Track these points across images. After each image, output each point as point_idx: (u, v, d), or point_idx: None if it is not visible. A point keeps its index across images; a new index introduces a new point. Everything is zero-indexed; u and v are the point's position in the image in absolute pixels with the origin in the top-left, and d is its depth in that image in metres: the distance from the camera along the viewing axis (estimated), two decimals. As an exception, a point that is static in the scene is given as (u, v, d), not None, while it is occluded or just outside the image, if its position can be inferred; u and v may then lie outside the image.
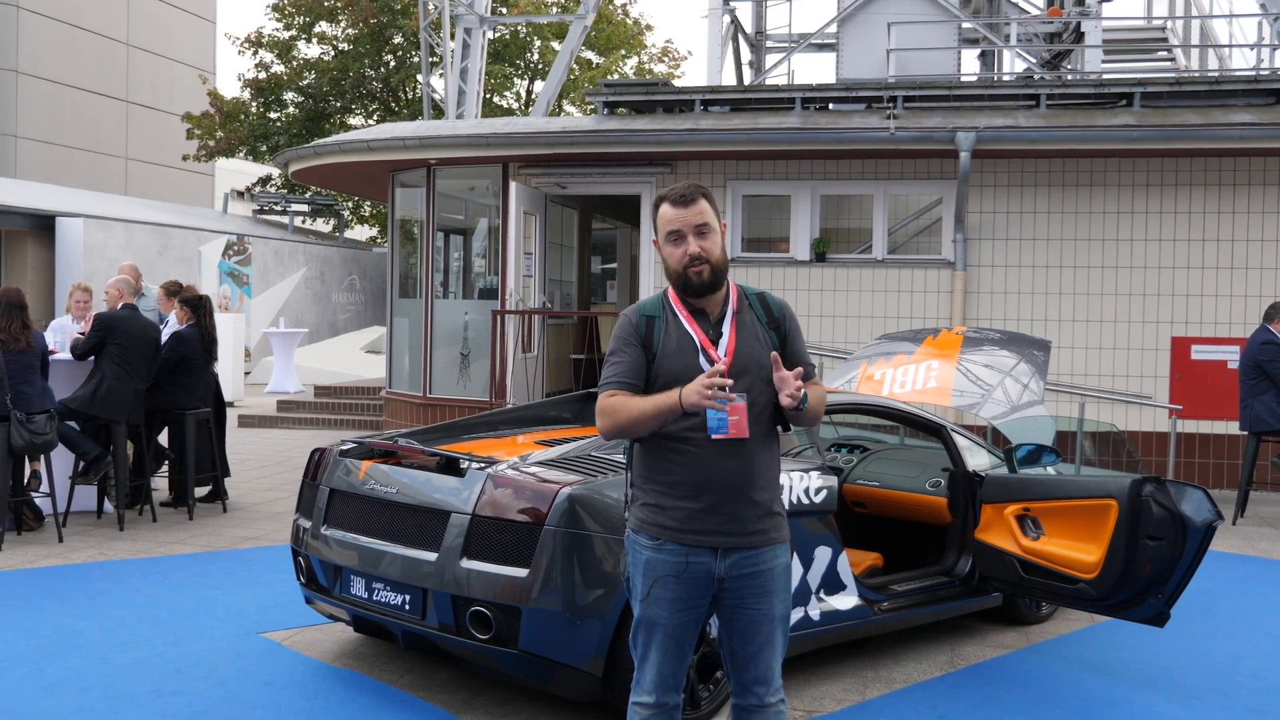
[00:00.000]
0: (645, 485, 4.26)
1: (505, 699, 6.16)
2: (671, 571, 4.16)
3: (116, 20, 42.34)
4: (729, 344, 4.18)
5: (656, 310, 4.28)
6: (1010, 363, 7.76)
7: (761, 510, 4.17)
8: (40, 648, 6.94)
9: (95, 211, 26.90)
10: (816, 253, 14.36)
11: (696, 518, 4.13)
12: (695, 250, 4.15)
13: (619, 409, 4.09)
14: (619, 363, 4.22)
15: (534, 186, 15.35)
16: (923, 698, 6.40)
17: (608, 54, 38.71)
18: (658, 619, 4.19)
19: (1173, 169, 13.60)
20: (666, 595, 4.17)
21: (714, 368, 3.95)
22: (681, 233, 4.17)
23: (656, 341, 4.21)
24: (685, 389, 3.92)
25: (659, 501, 4.20)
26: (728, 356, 4.14)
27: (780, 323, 4.31)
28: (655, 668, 4.23)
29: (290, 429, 18.81)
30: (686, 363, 4.15)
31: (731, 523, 4.13)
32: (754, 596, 4.18)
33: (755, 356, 4.18)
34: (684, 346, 4.19)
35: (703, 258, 4.15)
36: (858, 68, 17.83)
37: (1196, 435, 13.45)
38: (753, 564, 4.17)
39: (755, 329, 4.25)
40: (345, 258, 35.03)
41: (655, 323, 4.24)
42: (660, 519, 4.19)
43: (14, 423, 9.53)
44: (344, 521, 6.34)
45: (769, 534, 4.20)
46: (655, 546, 4.19)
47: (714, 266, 4.17)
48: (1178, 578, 6.17)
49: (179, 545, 9.93)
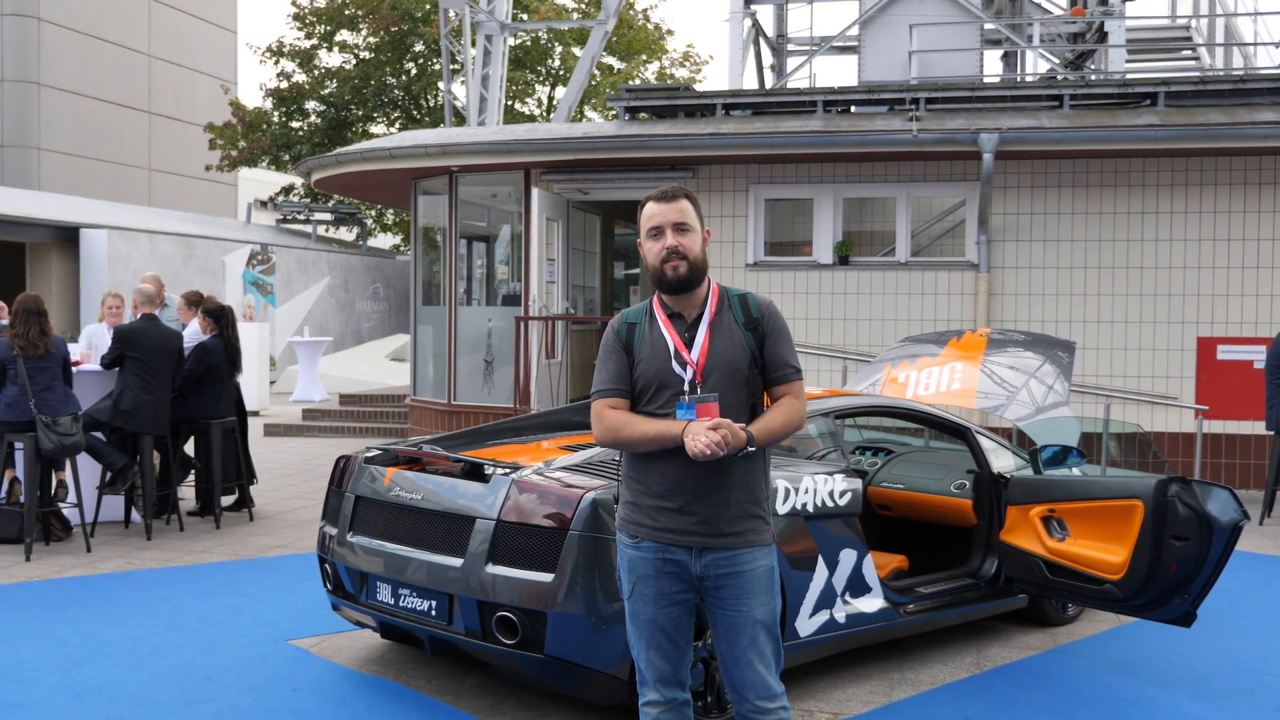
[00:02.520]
0: (627, 484, 4.32)
1: (532, 703, 6.17)
2: (650, 569, 4.22)
3: (138, 31, 42.55)
4: (702, 346, 4.21)
5: (639, 317, 4.35)
6: (1035, 364, 7.76)
7: (736, 512, 4.18)
8: (69, 657, 6.98)
9: (119, 223, 27.05)
10: (839, 256, 14.34)
11: (670, 516, 4.17)
12: (672, 243, 4.19)
13: (622, 427, 4.18)
14: (605, 369, 4.31)
15: (556, 192, 15.37)
16: (949, 700, 6.39)
17: (629, 59, 38.72)
18: (643, 615, 4.26)
19: (1197, 169, 13.55)
20: (649, 592, 4.23)
21: (722, 421, 4.00)
22: (660, 228, 4.22)
23: (636, 345, 4.27)
24: (691, 432, 4.00)
25: (637, 500, 4.26)
26: (700, 359, 4.18)
27: (759, 323, 4.29)
28: (653, 666, 4.29)
29: (315, 437, 18.86)
30: (660, 365, 4.21)
31: (704, 523, 4.16)
32: (734, 598, 4.19)
33: (729, 358, 4.20)
34: (658, 350, 4.24)
35: (679, 252, 4.19)
36: (880, 70, 17.81)
37: (1222, 435, 13.39)
38: (730, 565, 4.18)
39: (732, 330, 4.26)
40: (368, 266, 35.13)
41: (635, 329, 4.32)
42: (638, 517, 4.25)
43: (40, 427, 9.60)
44: (370, 528, 6.36)
45: (746, 536, 4.20)
46: (634, 544, 4.26)
47: (691, 263, 4.20)
48: (1204, 578, 6.15)
49: (206, 554, 9.97)
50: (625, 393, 4.25)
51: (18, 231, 25.43)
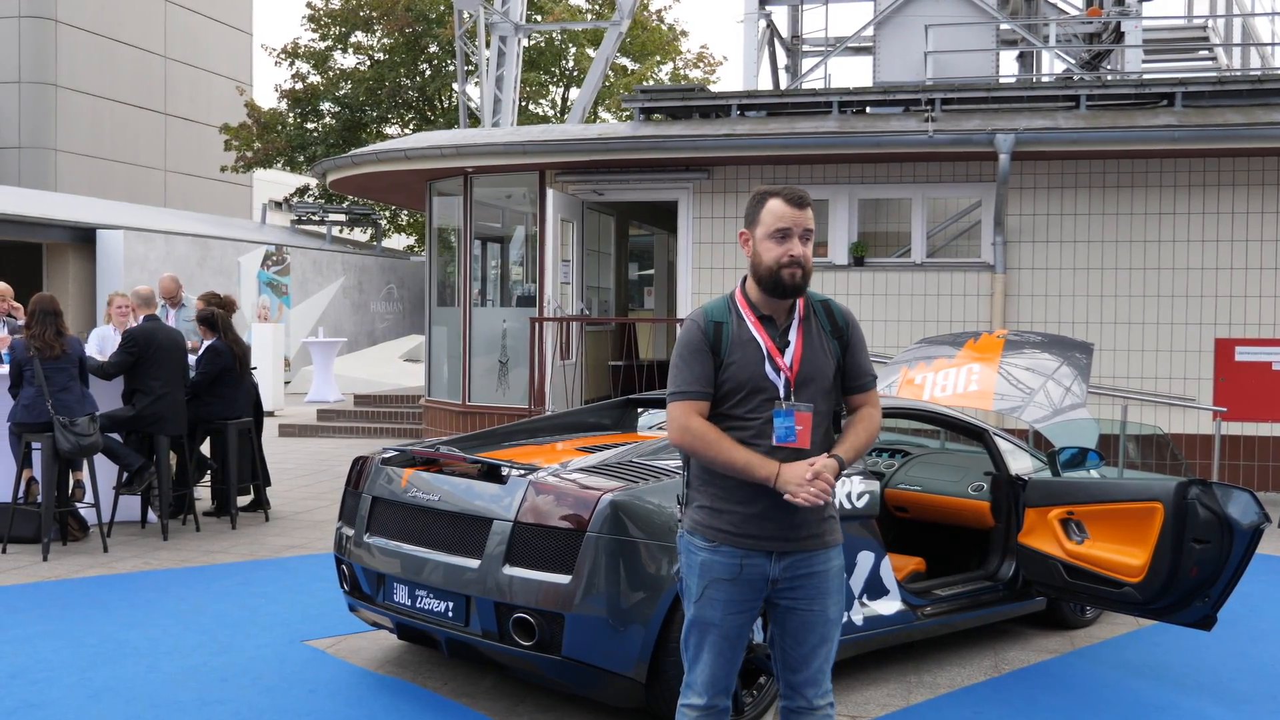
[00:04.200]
0: (702, 488, 4.26)
1: (549, 705, 6.16)
2: (726, 574, 4.17)
3: (154, 33, 42.65)
4: (795, 353, 4.18)
5: (724, 315, 4.27)
6: (1052, 366, 7.72)
7: (813, 515, 4.17)
8: (86, 657, 6.99)
9: (135, 224, 27.12)
10: (855, 257, 14.31)
11: (753, 522, 4.14)
12: (799, 252, 4.15)
13: (712, 444, 4.11)
14: (690, 370, 4.20)
15: (571, 194, 15.37)
16: (967, 703, 6.37)
17: (643, 60, 38.75)
18: (711, 620, 4.21)
19: (1215, 169, 13.50)
20: (720, 597, 4.19)
21: (819, 469, 4.00)
22: (790, 232, 4.15)
23: (724, 347, 4.21)
24: (786, 476, 4.01)
25: (715, 505, 4.20)
26: (794, 366, 4.16)
27: (844, 332, 4.30)
28: (707, 670, 4.24)
29: (330, 438, 18.88)
30: (753, 370, 4.16)
31: (787, 528, 4.14)
32: (808, 598, 4.19)
33: (820, 366, 4.20)
34: (750, 353, 4.18)
35: (801, 262, 4.15)
36: (895, 71, 17.79)
37: (1241, 437, 13.34)
38: (808, 566, 4.18)
39: (820, 338, 4.25)
40: (383, 267, 35.17)
41: (723, 328, 4.23)
42: (716, 522, 4.20)
43: (57, 428, 9.61)
44: (386, 529, 6.36)
45: (824, 537, 4.21)
46: (711, 548, 4.20)
47: (807, 273, 4.18)
48: (1224, 581, 6.12)
49: (222, 554, 9.98)
50: (709, 396, 4.19)
51: (34, 232, 25.50)
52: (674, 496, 4.78)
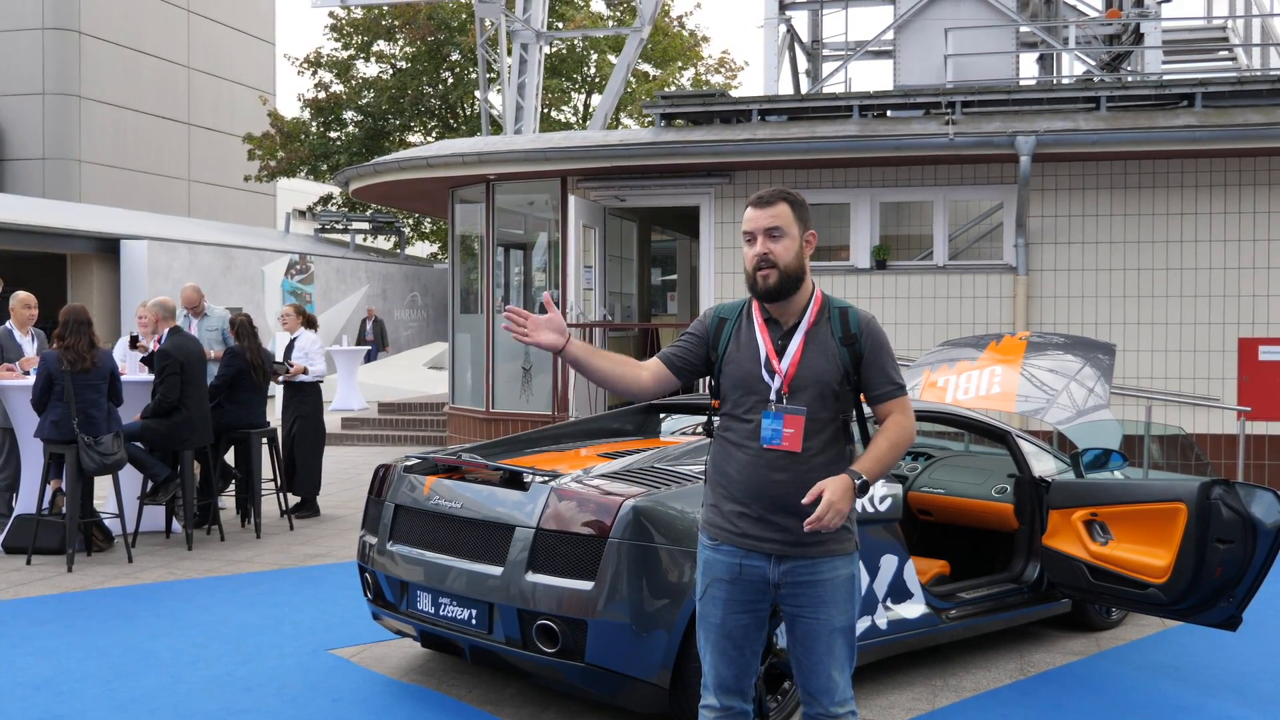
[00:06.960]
0: (712, 487, 4.29)
1: (573, 712, 6.17)
2: (726, 574, 4.19)
3: (177, 43, 42.82)
4: (794, 357, 4.16)
5: (733, 313, 4.31)
6: (1075, 367, 7.70)
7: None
8: (112, 667, 7.02)
9: (159, 234, 27.22)
10: (877, 260, 14.29)
11: (748, 522, 4.15)
12: (761, 250, 4.14)
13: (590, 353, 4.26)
14: (672, 344, 4.36)
15: (593, 199, 15.38)
16: (993, 706, 6.36)
17: (664, 66, 38.76)
18: (712, 618, 4.23)
19: (1236, 169, 13.44)
20: (721, 596, 4.20)
21: (828, 495, 3.92)
22: (753, 234, 4.17)
23: (723, 343, 4.24)
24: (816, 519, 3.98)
25: (718, 503, 4.24)
26: (789, 369, 4.13)
27: (856, 339, 4.19)
28: (714, 669, 4.26)
29: (355, 446, 18.93)
30: (748, 370, 4.17)
31: (783, 532, 4.12)
32: (811, 606, 4.15)
33: (820, 372, 4.14)
34: (749, 353, 4.20)
35: (769, 260, 4.12)
36: (915, 74, 17.75)
37: (1265, 437, 13.27)
38: (809, 573, 4.14)
39: (827, 344, 4.19)
40: (406, 274, 35.25)
41: (726, 325, 4.28)
42: (717, 520, 4.24)
43: (82, 447, 9.62)
44: (409, 537, 6.38)
45: (827, 545, 4.14)
46: (713, 546, 4.24)
47: (781, 271, 4.13)
48: (1249, 581, 6.10)
49: (247, 564, 10.02)
50: (673, 366, 4.29)
51: (59, 243, 25.65)
52: (696, 502, 4.79)
